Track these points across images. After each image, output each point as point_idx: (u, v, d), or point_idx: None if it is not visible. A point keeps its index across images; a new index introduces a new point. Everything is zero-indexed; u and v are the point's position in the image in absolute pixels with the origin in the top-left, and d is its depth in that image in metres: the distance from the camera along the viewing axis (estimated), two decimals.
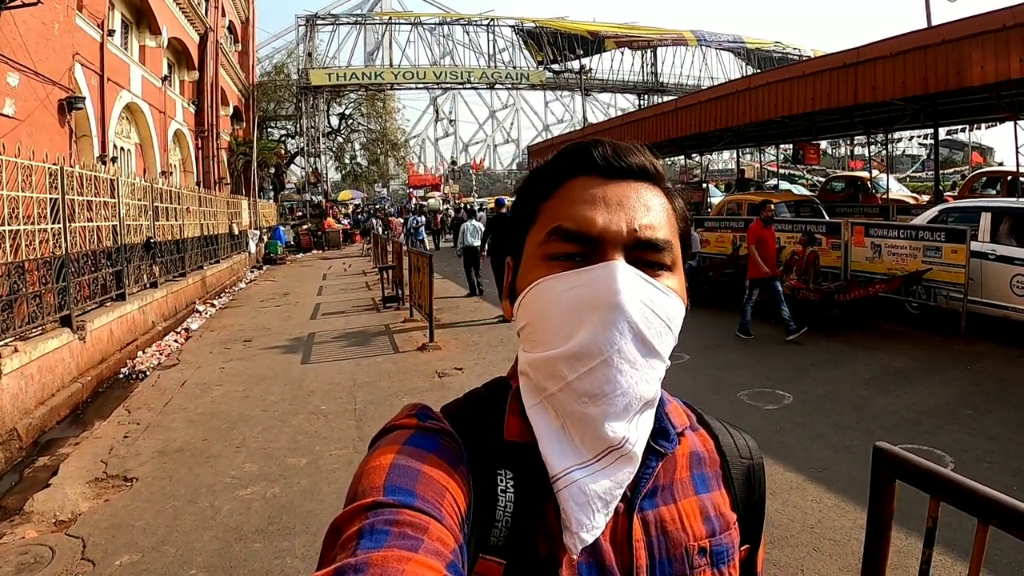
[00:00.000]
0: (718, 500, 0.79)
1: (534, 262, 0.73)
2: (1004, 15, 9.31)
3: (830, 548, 3.65)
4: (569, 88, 44.99)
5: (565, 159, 0.76)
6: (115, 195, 9.78)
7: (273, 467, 5.12)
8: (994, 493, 1.22)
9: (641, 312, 0.67)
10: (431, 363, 8.20)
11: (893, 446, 1.46)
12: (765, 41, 49.13)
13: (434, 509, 0.61)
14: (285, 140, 39.57)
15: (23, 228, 6.78)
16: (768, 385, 6.45)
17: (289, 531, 4.08)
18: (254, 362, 8.70)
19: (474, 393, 0.83)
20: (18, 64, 9.23)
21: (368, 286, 16.31)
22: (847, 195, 19.08)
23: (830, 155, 43.10)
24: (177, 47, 20.74)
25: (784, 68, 16.22)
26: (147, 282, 11.36)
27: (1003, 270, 7.94)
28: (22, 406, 6.23)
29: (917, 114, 14.27)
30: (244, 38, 31.95)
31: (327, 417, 6.29)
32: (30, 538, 4.11)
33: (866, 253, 9.54)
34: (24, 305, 6.76)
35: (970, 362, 7.20)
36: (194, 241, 15.11)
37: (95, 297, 8.88)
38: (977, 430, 5.26)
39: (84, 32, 12.82)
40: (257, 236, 24.28)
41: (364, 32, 42.15)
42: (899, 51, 10.99)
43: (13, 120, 9.11)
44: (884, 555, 1.44)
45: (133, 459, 5.39)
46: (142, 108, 17.01)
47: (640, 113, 25.56)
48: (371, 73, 38.51)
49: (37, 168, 7.16)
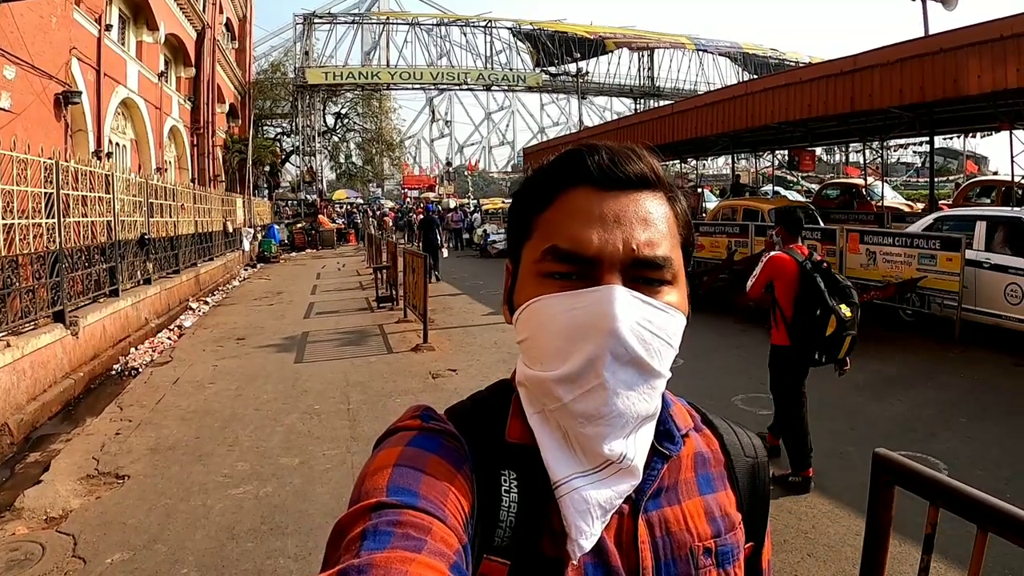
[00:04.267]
0: (723, 500, 0.79)
1: (530, 278, 0.72)
2: (1001, 25, 9.37)
3: (824, 554, 3.66)
4: (565, 91, 45.05)
5: (560, 168, 0.74)
6: (110, 190, 9.74)
7: (266, 466, 5.10)
8: (993, 500, 1.22)
9: (639, 335, 0.66)
10: (425, 364, 8.19)
11: (892, 453, 1.46)
12: (763, 47, 49.34)
13: (437, 509, 0.61)
14: (280, 138, 39.53)
15: (17, 222, 6.74)
16: (762, 391, 6.42)
17: (281, 531, 4.07)
18: (247, 360, 8.67)
19: (478, 395, 0.83)
20: (15, 57, 9.18)
21: (362, 286, 16.27)
22: (842, 202, 19.15)
23: (825, 161, 43.23)
24: (174, 43, 20.66)
25: (781, 74, 16.27)
26: (141, 278, 11.32)
27: (997, 279, 7.98)
28: (14, 401, 6.18)
29: (913, 122, 14.32)
30: (241, 36, 31.89)
31: (320, 417, 6.27)
32: (20, 535, 4.08)
33: (861, 260, 9.57)
34: (17, 300, 6.73)
35: (963, 369, 7.24)
36: (188, 238, 15.05)
37: (88, 293, 8.83)
38: (970, 437, 5.29)
39: (81, 27, 12.77)
40: (251, 234, 24.20)
41: (361, 32, 42.20)
42: (896, 59, 11.04)
43: (9, 113, 9.06)
44: (882, 561, 1.44)
45: (125, 456, 5.36)
46: (138, 104, 16.94)
47: (636, 117, 25.63)
48: (367, 73, 38.57)
49: (32, 162, 7.11)
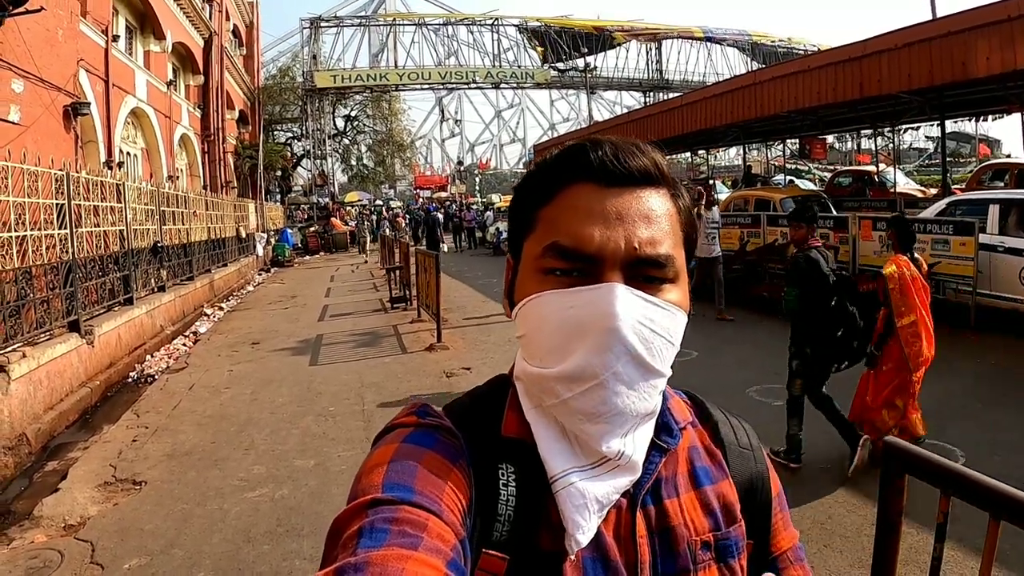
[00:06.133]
0: (723, 491, 0.79)
1: (531, 274, 0.72)
2: (1009, 6, 9.23)
3: (840, 544, 3.63)
4: (574, 86, 44.89)
5: (563, 163, 0.73)
6: (122, 200, 9.82)
7: (281, 469, 5.13)
8: (1005, 487, 1.20)
9: (639, 334, 0.66)
10: (439, 363, 8.20)
11: (902, 440, 1.44)
12: (771, 35, 48.97)
13: (433, 504, 0.61)
14: (291, 143, 39.68)
15: (30, 234, 6.81)
16: (777, 381, 6.38)
17: (297, 533, 4.09)
18: (262, 364, 8.72)
19: (476, 390, 0.83)
20: (23, 71, 9.26)
21: (376, 287, 16.33)
22: (854, 189, 18.99)
23: (837, 149, 42.88)
24: (182, 52, 20.78)
25: (789, 63, 16.14)
26: (155, 286, 11.40)
27: (1012, 262, 7.88)
28: (31, 411, 6.25)
29: (923, 107, 14.17)
30: (248, 42, 32.04)
31: (335, 419, 6.30)
32: (39, 543, 4.13)
33: (874, 247, 9.49)
34: (32, 311, 6.79)
35: (979, 355, 7.16)
36: (201, 245, 15.14)
37: (103, 302, 8.91)
38: (987, 423, 5.23)
39: (88, 38, 12.87)
40: (264, 239, 24.33)
41: (368, 34, 42.30)
42: (904, 43, 10.92)
43: (19, 126, 9.14)
44: (895, 550, 1.43)
45: (142, 463, 5.41)
46: (148, 113, 17.06)
47: (645, 110, 25.50)
48: (376, 75, 38.61)
49: (43, 174, 7.18)
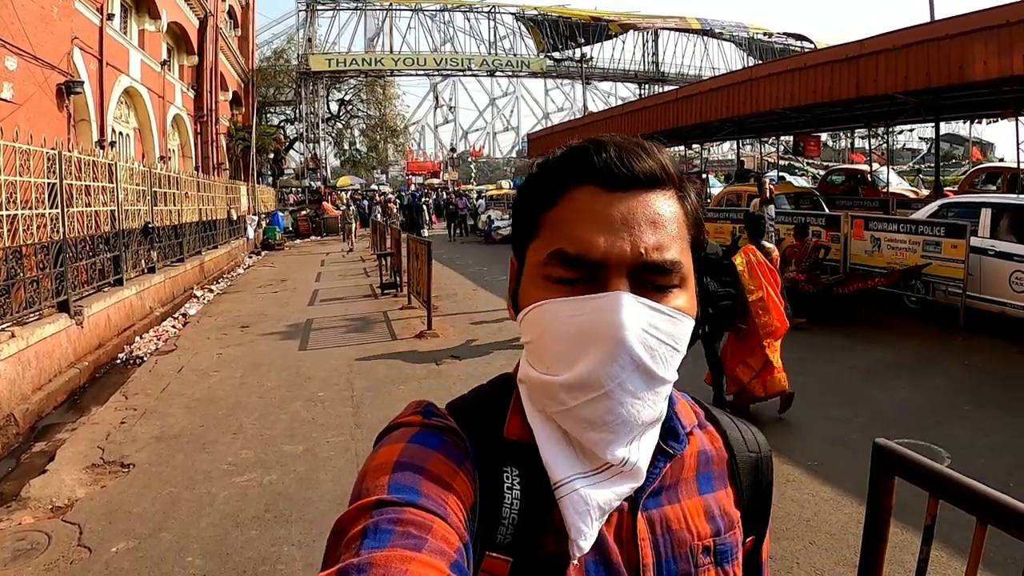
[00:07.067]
0: (723, 499, 0.79)
1: (535, 280, 0.70)
2: (1007, 11, 9.28)
3: (826, 542, 3.66)
4: (570, 76, 44.83)
5: (566, 166, 0.72)
6: (113, 180, 9.73)
7: (270, 454, 5.13)
8: (993, 492, 1.22)
9: (645, 343, 0.65)
10: (429, 350, 8.20)
11: (892, 442, 1.46)
12: (768, 29, 48.95)
13: (439, 507, 0.61)
14: (284, 126, 39.42)
15: (21, 213, 6.74)
16: None
17: (286, 519, 4.09)
18: (251, 348, 8.70)
19: (479, 391, 0.82)
20: (16, 48, 9.15)
21: (366, 272, 16.30)
22: (847, 188, 19.05)
23: (831, 147, 43.01)
24: (176, 31, 20.56)
25: (786, 60, 16.19)
26: (145, 267, 11.33)
27: (1002, 266, 7.94)
28: (19, 392, 6.21)
29: (918, 108, 14.24)
30: (244, 23, 31.70)
31: (324, 404, 6.30)
32: (27, 524, 4.11)
33: (865, 247, 9.54)
34: (22, 290, 6.74)
35: (968, 357, 7.21)
36: (192, 226, 15.04)
37: (93, 282, 8.85)
38: (974, 425, 5.28)
39: (83, 16, 12.72)
40: (255, 222, 24.18)
41: (364, 18, 41.98)
42: (902, 45, 10.96)
43: (11, 104, 9.04)
44: (882, 550, 1.45)
45: (130, 445, 5.39)
46: (141, 93, 16.90)
47: (641, 103, 25.49)
48: (371, 59, 38.37)
49: (35, 152, 7.11)
